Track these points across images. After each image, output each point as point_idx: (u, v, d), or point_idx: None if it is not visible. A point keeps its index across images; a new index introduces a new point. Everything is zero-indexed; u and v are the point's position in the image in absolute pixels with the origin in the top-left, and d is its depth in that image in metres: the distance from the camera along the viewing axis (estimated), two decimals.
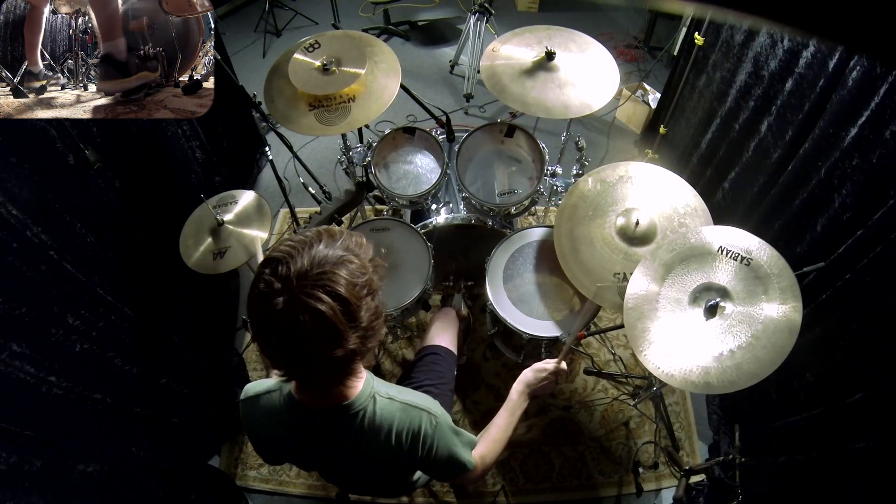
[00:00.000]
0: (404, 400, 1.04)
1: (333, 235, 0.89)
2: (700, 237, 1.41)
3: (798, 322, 1.27)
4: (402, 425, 1.02)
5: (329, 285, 0.81)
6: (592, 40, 1.90)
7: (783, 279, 1.32)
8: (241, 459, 2.17)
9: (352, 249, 0.88)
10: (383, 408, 1.01)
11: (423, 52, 3.79)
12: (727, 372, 1.28)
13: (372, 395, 1.02)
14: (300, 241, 0.85)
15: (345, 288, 0.82)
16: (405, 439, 1.02)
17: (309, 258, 0.82)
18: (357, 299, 0.84)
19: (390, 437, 1.01)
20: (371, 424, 1.00)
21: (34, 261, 1.28)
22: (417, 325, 2.39)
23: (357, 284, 0.84)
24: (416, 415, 1.03)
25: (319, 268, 0.82)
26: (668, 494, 2.04)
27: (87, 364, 1.46)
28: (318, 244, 0.85)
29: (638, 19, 3.74)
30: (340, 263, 0.84)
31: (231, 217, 1.82)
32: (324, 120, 1.76)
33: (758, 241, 1.37)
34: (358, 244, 0.90)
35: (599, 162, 3.00)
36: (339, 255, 0.85)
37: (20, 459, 1.22)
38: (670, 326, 1.36)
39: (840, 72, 1.48)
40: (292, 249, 0.84)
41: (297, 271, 0.81)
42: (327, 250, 0.85)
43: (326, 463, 1.17)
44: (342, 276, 0.82)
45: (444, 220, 1.96)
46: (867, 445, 1.34)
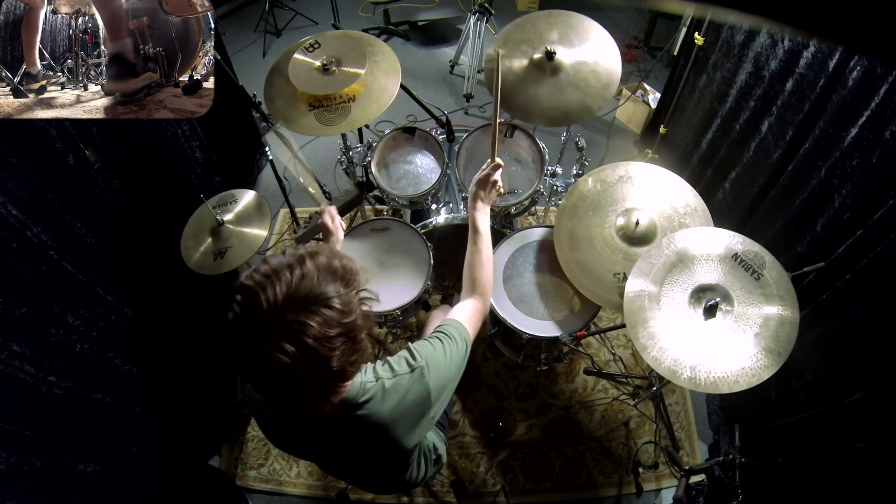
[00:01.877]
0: (390, 374, 0.99)
1: (320, 267, 0.80)
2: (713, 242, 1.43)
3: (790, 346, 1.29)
4: (400, 397, 0.98)
5: (297, 335, 0.74)
6: (593, 23, 1.81)
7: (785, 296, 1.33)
8: (241, 459, 2.17)
9: (337, 291, 0.79)
10: (377, 394, 0.97)
11: (423, 52, 3.79)
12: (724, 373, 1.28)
13: (361, 385, 0.97)
14: (277, 270, 0.77)
15: (315, 339, 0.75)
16: (411, 407, 0.99)
17: (283, 294, 0.75)
18: (329, 350, 0.77)
19: (393, 411, 0.97)
20: (370, 414, 0.96)
21: (34, 261, 1.28)
22: (417, 325, 2.39)
23: (329, 336, 0.76)
24: (405, 381, 0.99)
25: (291, 310, 0.75)
26: (668, 494, 2.04)
27: (87, 364, 1.46)
28: (297, 278, 0.77)
29: (638, 19, 3.74)
30: (316, 309, 0.76)
31: (231, 217, 1.82)
32: (324, 120, 1.76)
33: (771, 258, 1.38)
34: (346, 278, 0.82)
35: (599, 162, 3.00)
36: (317, 294, 0.77)
37: (20, 459, 1.23)
38: (671, 325, 1.37)
39: (840, 72, 1.48)
40: (266, 280, 0.76)
41: (268, 310, 0.74)
42: (307, 286, 0.77)
43: (327, 457, 1.17)
44: (314, 327, 0.75)
45: (444, 220, 1.96)
46: (867, 445, 1.34)
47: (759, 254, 1.38)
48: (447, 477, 2.07)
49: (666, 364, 1.32)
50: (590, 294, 1.60)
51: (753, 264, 1.37)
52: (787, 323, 1.30)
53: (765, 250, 1.38)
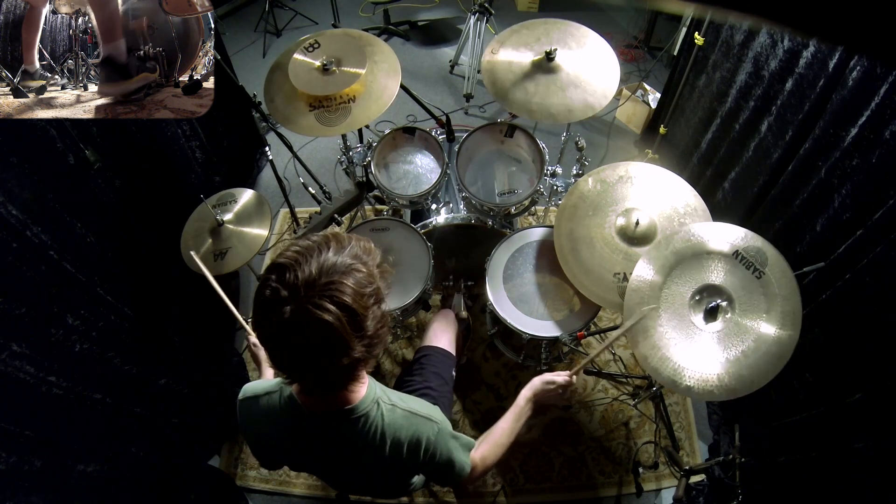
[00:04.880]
0: (407, 408, 1.04)
1: (342, 242, 0.88)
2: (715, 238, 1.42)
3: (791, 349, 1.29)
4: (405, 433, 1.02)
5: (336, 295, 0.80)
6: (589, 31, 1.87)
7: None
8: (241, 459, 2.16)
9: (360, 257, 0.87)
10: (386, 415, 1.01)
11: (423, 52, 3.79)
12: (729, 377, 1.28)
13: (375, 400, 1.02)
14: (307, 248, 0.84)
15: (352, 298, 0.81)
16: (407, 446, 1.02)
17: (317, 266, 0.82)
18: (364, 309, 0.83)
19: (392, 444, 1.01)
20: (373, 430, 1.00)
21: (34, 261, 1.28)
22: (417, 325, 2.39)
23: (364, 294, 0.84)
24: (418, 423, 1.04)
25: (327, 276, 0.81)
26: (668, 494, 2.04)
27: (86, 364, 1.46)
28: (326, 251, 0.84)
29: (638, 19, 3.74)
30: (348, 272, 0.83)
31: (231, 217, 1.81)
32: (324, 120, 1.76)
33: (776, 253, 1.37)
34: (366, 251, 0.89)
35: (599, 162, 3.00)
36: (347, 262, 0.84)
37: (20, 459, 1.23)
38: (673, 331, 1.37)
39: (840, 72, 1.48)
40: (299, 256, 0.83)
41: (305, 279, 0.80)
42: (336, 258, 0.84)
43: (325, 466, 1.17)
44: (349, 286, 0.82)
45: (444, 220, 1.96)
46: (867, 445, 1.34)
47: (762, 250, 1.37)
48: None
49: (654, 363, 1.34)
50: (590, 294, 1.60)
51: (755, 262, 1.36)
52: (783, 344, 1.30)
53: (768, 244, 1.37)
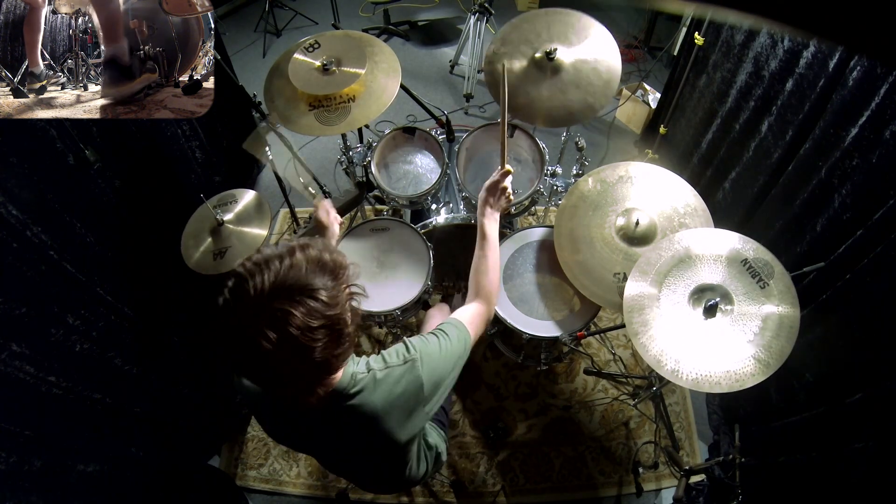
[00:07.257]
0: (384, 366, 1.00)
1: (310, 259, 0.81)
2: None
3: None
4: (397, 389, 0.98)
5: (280, 323, 0.76)
6: (592, 21, 1.79)
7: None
8: (241, 459, 2.17)
9: (325, 283, 0.80)
10: (367, 385, 0.97)
11: (423, 52, 3.79)
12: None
13: (353, 378, 0.97)
14: (267, 259, 0.79)
15: (297, 329, 0.76)
16: (404, 397, 0.99)
17: (270, 283, 0.77)
18: (309, 341, 0.78)
19: (385, 407, 0.98)
20: (361, 405, 0.97)
21: (34, 261, 1.28)
22: (417, 325, 2.39)
23: (312, 327, 0.77)
24: (401, 372, 1.00)
25: (277, 298, 0.76)
26: (668, 494, 2.04)
27: (86, 364, 1.46)
28: (285, 267, 0.78)
29: (638, 19, 3.74)
30: (301, 300, 0.77)
31: (231, 217, 1.81)
32: (324, 120, 1.76)
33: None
34: (335, 272, 0.83)
35: (599, 162, 3.00)
36: (304, 285, 0.78)
37: (20, 459, 1.23)
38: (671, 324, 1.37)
39: (840, 72, 1.48)
40: (256, 267, 0.78)
41: (254, 297, 0.76)
42: (294, 277, 0.78)
43: (324, 452, 1.17)
44: (297, 316, 0.76)
45: (444, 220, 1.96)
46: (867, 445, 1.34)
47: (770, 263, 1.38)
48: (447, 477, 2.07)
49: (653, 353, 1.34)
50: (590, 294, 1.60)
51: (762, 273, 1.37)
52: (786, 325, 1.30)
53: (776, 260, 1.38)
